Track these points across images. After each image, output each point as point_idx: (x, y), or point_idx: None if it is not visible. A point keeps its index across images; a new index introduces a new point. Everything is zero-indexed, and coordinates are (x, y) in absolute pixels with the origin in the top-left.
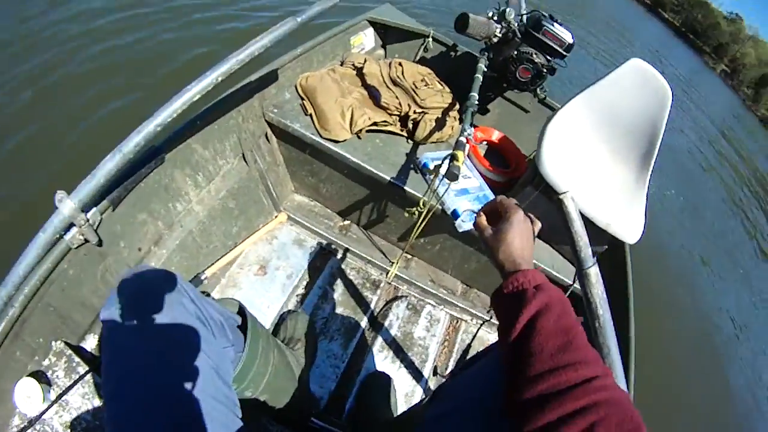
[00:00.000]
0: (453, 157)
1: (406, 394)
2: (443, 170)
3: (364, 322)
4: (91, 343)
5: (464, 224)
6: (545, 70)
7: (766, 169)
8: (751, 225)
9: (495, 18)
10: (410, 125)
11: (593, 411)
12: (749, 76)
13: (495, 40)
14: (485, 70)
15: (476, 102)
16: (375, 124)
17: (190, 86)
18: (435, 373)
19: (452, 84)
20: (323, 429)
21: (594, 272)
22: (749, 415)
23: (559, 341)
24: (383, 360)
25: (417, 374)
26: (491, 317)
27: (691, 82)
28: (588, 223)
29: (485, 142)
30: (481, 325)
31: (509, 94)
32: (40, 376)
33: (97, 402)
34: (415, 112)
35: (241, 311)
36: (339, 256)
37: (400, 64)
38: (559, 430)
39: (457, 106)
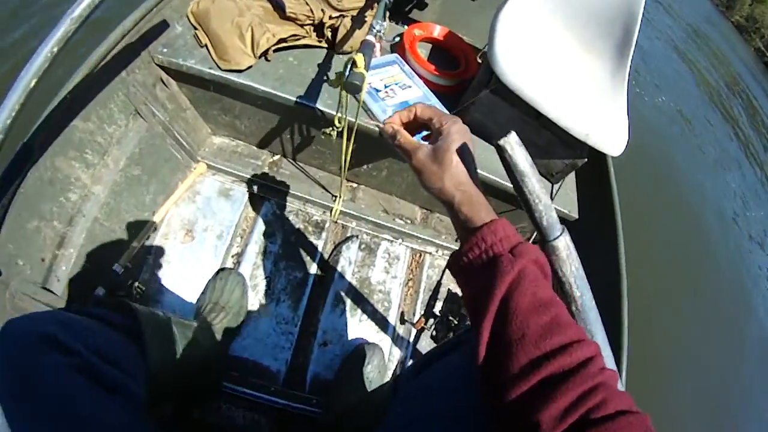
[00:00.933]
0: (353, 64)
1: None
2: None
3: (312, 275)
4: None
5: None
6: None
7: (742, 72)
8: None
9: None
10: (328, 34)
11: (590, 397)
12: None
13: None
14: None
15: None
16: (283, 41)
17: (22, 74)
18: (403, 320)
19: None
20: (286, 407)
21: (563, 244)
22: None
23: (541, 320)
24: (341, 316)
25: (382, 325)
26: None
27: None
28: (564, 133)
29: (427, 42)
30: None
31: None
32: None
33: None
34: (331, 18)
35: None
36: (273, 199)
37: None
38: (556, 425)
39: None
